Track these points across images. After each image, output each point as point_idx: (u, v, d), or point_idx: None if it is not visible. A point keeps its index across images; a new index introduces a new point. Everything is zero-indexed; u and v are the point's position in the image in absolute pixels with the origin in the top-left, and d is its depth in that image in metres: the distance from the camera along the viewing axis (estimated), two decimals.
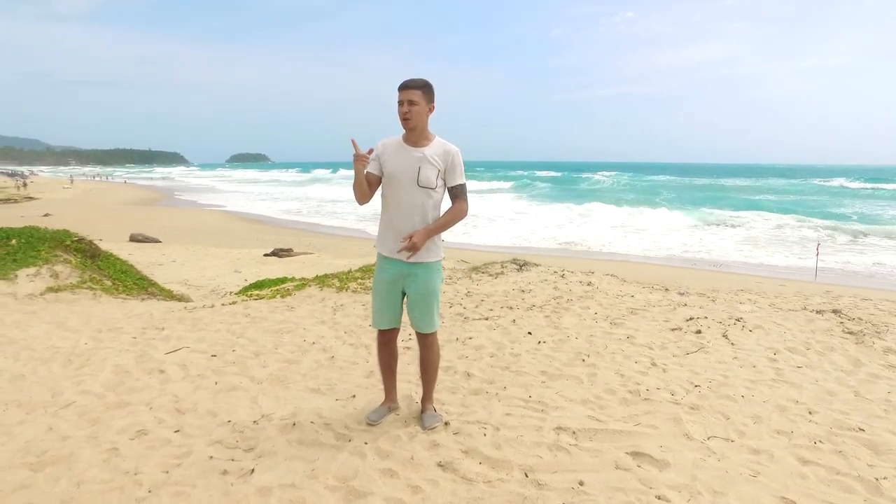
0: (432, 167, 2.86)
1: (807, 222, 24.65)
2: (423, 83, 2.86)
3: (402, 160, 2.87)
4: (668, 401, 3.46)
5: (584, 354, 4.25)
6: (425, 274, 2.97)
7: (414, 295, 2.99)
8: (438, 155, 2.89)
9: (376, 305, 3.07)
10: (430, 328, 3.06)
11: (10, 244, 8.13)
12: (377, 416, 3.16)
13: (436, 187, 2.88)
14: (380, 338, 3.17)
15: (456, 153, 2.93)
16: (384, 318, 3.07)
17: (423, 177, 2.85)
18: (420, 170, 2.85)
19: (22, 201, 36.51)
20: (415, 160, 2.86)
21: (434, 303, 3.02)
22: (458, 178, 2.94)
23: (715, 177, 79.68)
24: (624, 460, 2.76)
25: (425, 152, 2.87)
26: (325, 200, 39.67)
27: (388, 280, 2.99)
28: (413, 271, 2.95)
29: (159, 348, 4.43)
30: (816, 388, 3.72)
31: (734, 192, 46.76)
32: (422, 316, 3.02)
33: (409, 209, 2.88)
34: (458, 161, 2.93)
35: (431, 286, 2.98)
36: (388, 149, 2.92)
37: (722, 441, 2.99)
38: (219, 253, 15.99)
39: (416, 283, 2.96)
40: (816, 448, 2.92)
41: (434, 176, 2.87)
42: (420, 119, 2.85)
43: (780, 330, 4.91)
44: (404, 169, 2.86)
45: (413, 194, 2.86)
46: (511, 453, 2.81)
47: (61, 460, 2.73)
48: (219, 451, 2.84)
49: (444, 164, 2.90)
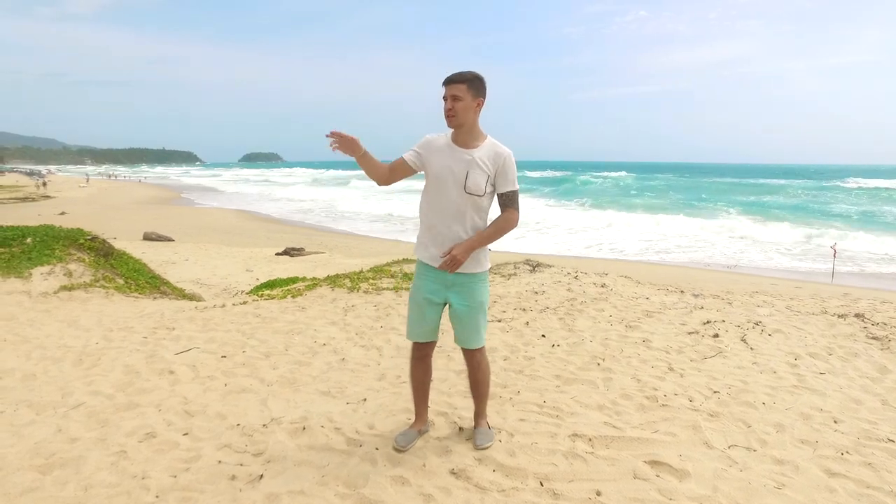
0: (482, 172, 2.61)
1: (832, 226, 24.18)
2: (470, 76, 2.60)
3: (450, 162, 2.63)
4: (687, 407, 3.37)
5: (599, 358, 4.16)
6: (472, 285, 2.73)
7: (459, 308, 2.73)
8: (489, 158, 2.64)
9: (413, 316, 2.82)
10: (478, 343, 2.81)
11: (25, 242, 8.20)
12: (406, 440, 2.86)
13: (483, 194, 2.63)
14: (415, 351, 2.90)
15: (508, 156, 2.67)
16: (421, 331, 2.81)
17: (472, 182, 2.60)
18: (468, 174, 2.60)
19: (39, 200, 37.02)
20: (463, 163, 2.62)
21: (481, 316, 2.78)
22: (510, 185, 2.67)
23: (741, 177, 78.41)
24: (642, 469, 2.67)
25: (475, 155, 2.62)
26: (336, 199, 39.84)
27: (429, 289, 2.74)
28: (458, 282, 2.71)
29: (169, 348, 4.41)
30: (841, 395, 3.60)
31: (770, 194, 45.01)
32: (468, 331, 2.77)
33: (452, 216, 2.64)
34: (511, 165, 2.68)
35: (478, 298, 2.74)
36: (434, 147, 2.69)
37: (744, 450, 2.89)
38: (231, 252, 16.06)
39: (461, 294, 2.72)
40: (844, 459, 2.80)
41: (483, 182, 2.61)
42: (465, 116, 2.60)
43: (801, 334, 4.77)
44: (451, 172, 2.62)
45: (458, 200, 2.62)
46: (526, 461, 2.73)
47: (69, 463, 2.70)
48: (227, 456, 2.80)
49: (494, 168, 2.64)
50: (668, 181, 64.26)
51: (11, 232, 8.73)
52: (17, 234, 8.46)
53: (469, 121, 2.63)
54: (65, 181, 58.23)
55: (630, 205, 34.47)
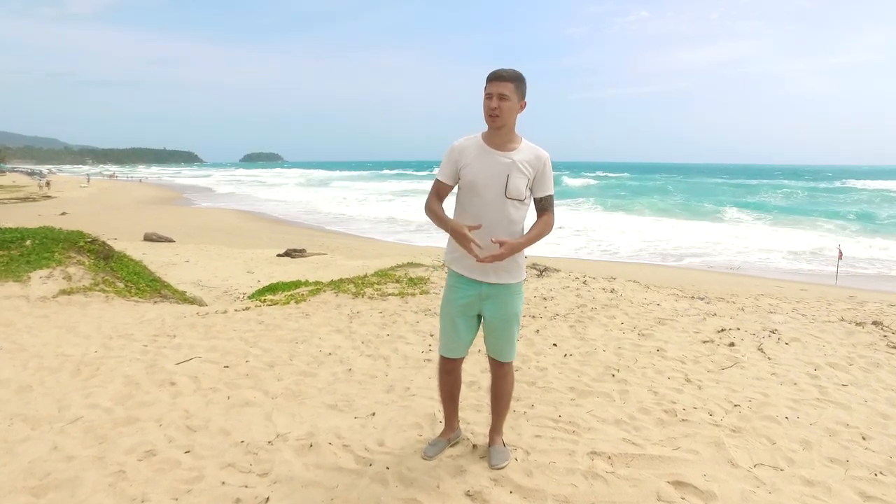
0: (522, 175, 2.49)
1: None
2: (518, 75, 2.47)
3: (487, 166, 2.49)
4: (707, 422, 3.24)
5: (613, 369, 4.03)
6: (507, 296, 2.60)
7: (494, 319, 2.62)
8: (529, 161, 2.51)
9: (447, 331, 2.69)
10: (510, 356, 2.72)
11: (24, 245, 8.08)
12: (435, 450, 2.80)
13: (525, 198, 2.52)
14: (444, 365, 2.79)
15: (547, 160, 2.56)
16: (457, 346, 2.70)
17: (513, 186, 2.47)
18: (509, 178, 2.47)
19: (40, 200, 36.93)
20: (503, 167, 2.47)
21: (515, 328, 2.68)
22: (549, 188, 2.58)
23: (744, 177, 78.01)
24: (666, 491, 2.54)
25: (514, 157, 2.49)
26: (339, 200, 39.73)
27: (464, 303, 2.61)
28: (493, 293, 2.58)
29: (170, 358, 4.28)
30: (867, 409, 3.47)
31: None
32: (502, 343, 2.67)
33: (493, 223, 2.49)
34: (550, 169, 2.58)
35: (513, 309, 2.63)
36: (468, 152, 2.54)
37: (770, 469, 2.76)
38: (232, 253, 15.94)
39: (496, 305, 2.60)
40: (877, 480, 2.68)
41: (524, 186, 2.50)
42: (510, 117, 2.47)
43: (819, 343, 4.65)
44: (490, 177, 2.47)
45: (499, 206, 2.48)
46: (544, 481, 2.61)
47: (65, 484, 2.57)
48: (231, 476, 2.67)
49: (534, 171, 2.52)
50: (669, 181, 64.15)
51: (10, 234, 8.60)
52: (17, 237, 8.33)
53: (511, 122, 2.50)
54: (66, 181, 58.11)
55: (632, 206, 34.36)
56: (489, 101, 2.45)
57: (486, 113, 2.47)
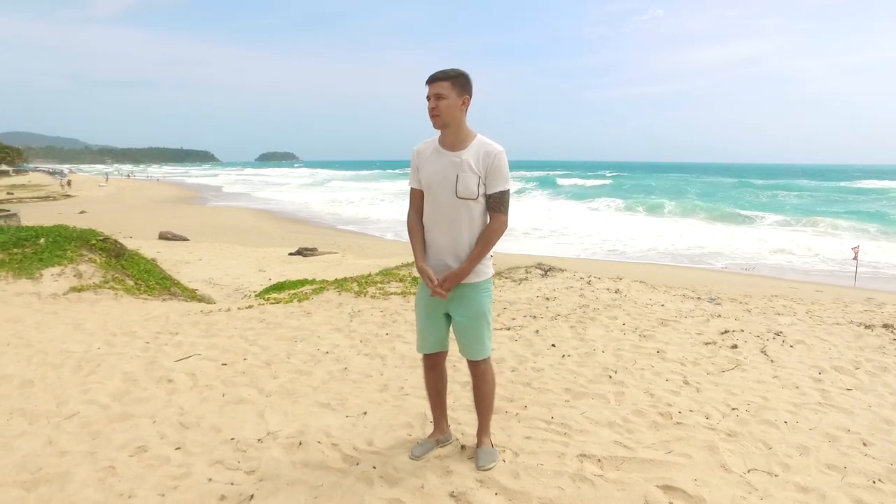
0: (472, 174, 2.46)
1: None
2: (454, 73, 2.45)
3: (438, 167, 2.50)
4: (703, 425, 3.18)
5: (611, 370, 3.98)
6: (473, 295, 2.58)
7: (461, 319, 2.61)
8: (478, 158, 2.48)
9: (419, 327, 2.74)
10: (481, 354, 2.68)
11: (38, 243, 8.24)
12: (422, 450, 2.79)
13: (477, 197, 2.49)
14: (425, 362, 2.82)
15: (498, 154, 2.48)
16: (428, 342, 2.73)
17: (462, 186, 2.45)
18: (458, 178, 2.45)
19: (60, 199, 37.68)
20: (453, 167, 2.48)
21: (484, 326, 2.64)
22: (500, 184, 2.49)
23: (763, 177, 76.44)
24: (654, 495, 2.50)
25: (463, 157, 2.48)
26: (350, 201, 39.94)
27: (429, 301, 2.62)
28: (458, 293, 2.57)
29: (170, 355, 4.33)
30: (870, 414, 3.38)
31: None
32: (470, 342, 2.65)
33: (447, 224, 2.51)
34: (501, 164, 2.49)
35: (480, 307, 2.60)
36: (424, 156, 2.57)
37: (764, 475, 2.70)
38: (245, 251, 16.09)
39: (462, 305, 2.59)
40: (876, 489, 2.60)
41: (474, 184, 2.46)
42: (450, 115, 2.46)
43: (825, 346, 4.54)
44: (441, 177, 2.49)
45: (452, 207, 2.48)
46: (530, 484, 2.58)
47: (56, 479, 2.61)
48: (219, 473, 2.68)
49: (484, 168, 2.48)
50: (685, 181, 63.37)
51: (26, 232, 8.78)
52: (31, 235, 8.51)
53: (455, 120, 2.49)
54: (85, 180, 59.24)
55: (647, 206, 34.02)
56: (428, 102, 2.48)
57: (428, 115, 2.49)
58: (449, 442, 2.94)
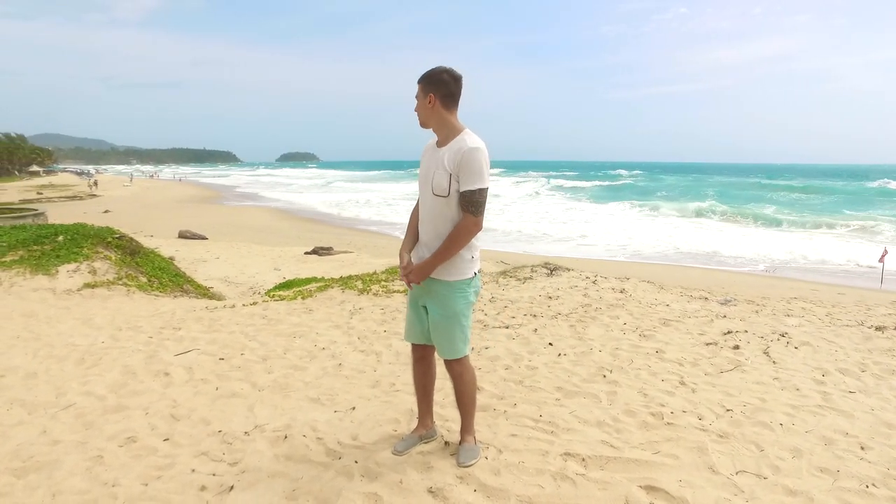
0: (443, 171, 2.46)
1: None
2: (425, 74, 2.49)
3: (425, 164, 2.59)
4: (695, 426, 3.12)
5: (606, 369, 3.93)
6: (445, 293, 2.56)
7: (433, 315, 2.62)
8: (451, 155, 2.45)
9: (407, 317, 2.82)
10: (452, 355, 2.65)
11: (57, 240, 8.47)
12: (404, 445, 2.81)
13: (448, 194, 2.46)
14: (412, 353, 2.86)
15: (469, 151, 2.40)
16: (412, 332, 2.79)
17: (436, 183, 2.48)
18: (434, 174, 2.48)
19: (87, 198, 38.65)
20: (432, 164, 2.52)
21: (455, 327, 2.60)
22: (470, 182, 2.41)
23: (789, 177, 74.39)
24: (635, 495, 2.46)
25: (441, 153, 2.51)
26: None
27: (413, 293, 2.70)
28: (432, 289, 2.58)
29: (171, 349, 4.41)
30: (871, 418, 3.28)
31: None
32: (440, 340, 2.65)
33: (429, 220, 2.56)
34: (473, 160, 2.40)
35: (450, 308, 2.57)
36: (424, 152, 2.66)
37: (753, 477, 2.64)
38: (262, 250, 16.30)
39: (435, 301, 2.59)
40: (868, 493, 2.52)
41: (446, 182, 2.45)
42: (424, 115, 2.52)
43: (831, 348, 4.42)
44: (423, 174, 2.58)
45: (430, 203, 2.53)
46: (510, 481, 2.56)
47: (45, 467, 2.68)
48: (203, 464, 2.72)
49: (455, 164, 2.43)
50: (706, 181, 62.31)
51: (45, 230, 9.03)
52: (50, 232, 8.75)
53: (431, 119, 2.52)
54: (110, 180, 60.65)
55: (669, 206, 33.56)
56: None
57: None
58: (433, 438, 2.93)
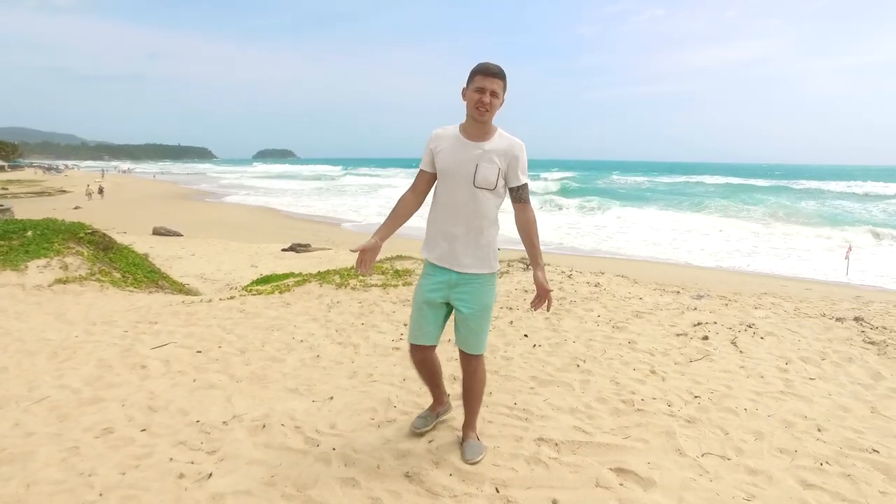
0: (492, 165, 2.48)
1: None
2: (505, 73, 2.47)
3: (459, 156, 2.50)
4: (664, 412, 3.23)
5: (579, 359, 4.04)
6: (477, 286, 2.57)
7: (464, 311, 2.58)
8: (500, 150, 2.50)
9: (415, 317, 2.67)
10: (480, 349, 2.67)
11: (25, 235, 8.27)
12: (423, 423, 2.86)
13: (495, 188, 2.50)
14: (413, 355, 2.76)
15: (521, 148, 2.53)
16: (424, 333, 2.66)
17: (481, 176, 2.46)
18: (478, 168, 2.46)
19: (56, 194, 37.66)
20: (473, 156, 2.48)
21: (485, 321, 2.64)
22: (524, 175, 2.55)
23: (757, 177, 76.60)
24: (606, 477, 2.56)
25: (485, 147, 2.49)
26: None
27: (432, 289, 2.60)
28: (463, 282, 2.56)
29: (147, 343, 4.38)
30: (829, 402, 3.44)
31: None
32: (471, 336, 2.62)
33: (461, 212, 2.51)
34: (524, 157, 2.54)
35: (485, 301, 2.60)
36: (444, 142, 2.55)
37: (717, 459, 2.76)
38: (238, 247, 16.13)
39: (467, 296, 2.57)
40: (822, 470, 2.66)
41: (494, 175, 2.48)
42: (495, 113, 2.50)
43: (795, 338, 4.60)
44: (460, 166, 2.49)
45: (467, 195, 2.49)
46: (485, 465, 2.63)
47: (18, 458, 2.66)
48: (181, 453, 2.73)
49: (506, 160, 2.50)
50: (683, 183, 63.49)
51: (13, 225, 8.81)
52: (19, 227, 8.54)
53: (494, 115, 2.52)
54: (81, 176, 59.14)
55: (646, 205, 34.11)
56: (481, 95, 2.42)
57: (473, 105, 2.45)
58: (449, 411, 3.03)
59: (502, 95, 2.48)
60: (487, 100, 2.42)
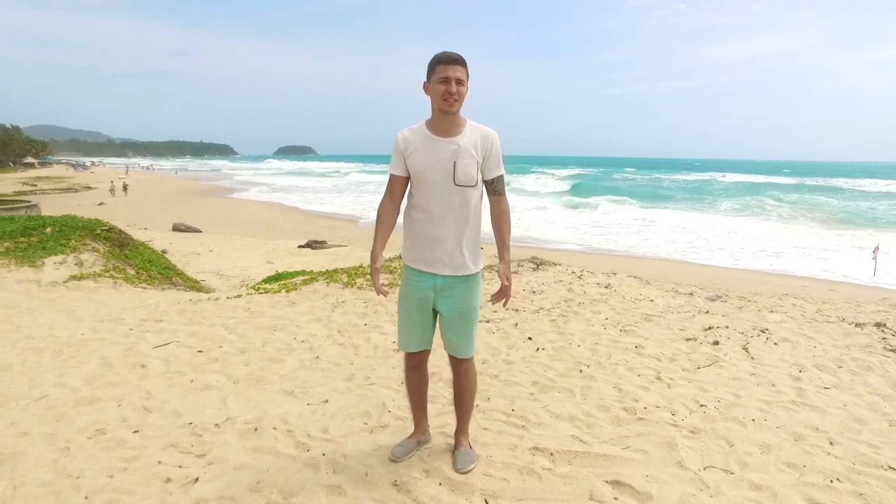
0: (471, 160, 2.37)
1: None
2: (465, 59, 2.36)
3: (434, 155, 2.38)
4: (667, 422, 3.12)
5: (583, 364, 3.93)
6: (465, 288, 2.48)
7: (450, 313, 2.50)
8: (476, 143, 2.39)
9: (403, 325, 2.59)
10: (469, 352, 2.59)
11: (44, 232, 8.42)
12: (402, 451, 2.68)
13: (476, 183, 2.40)
14: (408, 361, 2.68)
15: (495, 138, 2.43)
16: (413, 340, 2.59)
17: (461, 173, 2.35)
18: (456, 165, 2.35)
19: (81, 191, 38.53)
20: (448, 153, 2.36)
21: (474, 322, 2.55)
22: (499, 169, 2.46)
23: (786, 175, 74.89)
24: (600, 490, 2.46)
25: (460, 142, 2.37)
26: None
27: (419, 296, 2.51)
28: (450, 285, 2.47)
29: (150, 341, 4.39)
30: (843, 413, 3.29)
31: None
32: (459, 338, 2.55)
33: (444, 213, 2.40)
34: (498, 148, 2.45)
35: (471, 302, 2.51)
36: (414, 143, 2.42)
37: (720, 472, 2.64)
38: (255, 243, 16.28)
39: (453, 299, 2.48)
40: (832, 487, 2.53)
41: (474, 170, 2.38)
42: (463, 102, 2.37)
43: (810, 344, 4.42)
44: (437, 165, 2.37)
45: (449, 195, 2.38)
46: (476, 475, 2.56)
47: (9, 459, 2.66)
48: (170, 456, 2.72)
49: (483, 153, 2.40)
50: (709, 180, 62.33)
51: (34, 222, 8.99)
52: (38, 224, 8.71)
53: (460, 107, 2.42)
54: (106, 173, 60.43)
55: (667, 203, 33.58)
56: (447, 85, 2.31)
57: (440, 98, 2.33)
58: (429, 442, 2.84)
59: (467, 83, 2.38)
60: (454, 89, 2.31)
